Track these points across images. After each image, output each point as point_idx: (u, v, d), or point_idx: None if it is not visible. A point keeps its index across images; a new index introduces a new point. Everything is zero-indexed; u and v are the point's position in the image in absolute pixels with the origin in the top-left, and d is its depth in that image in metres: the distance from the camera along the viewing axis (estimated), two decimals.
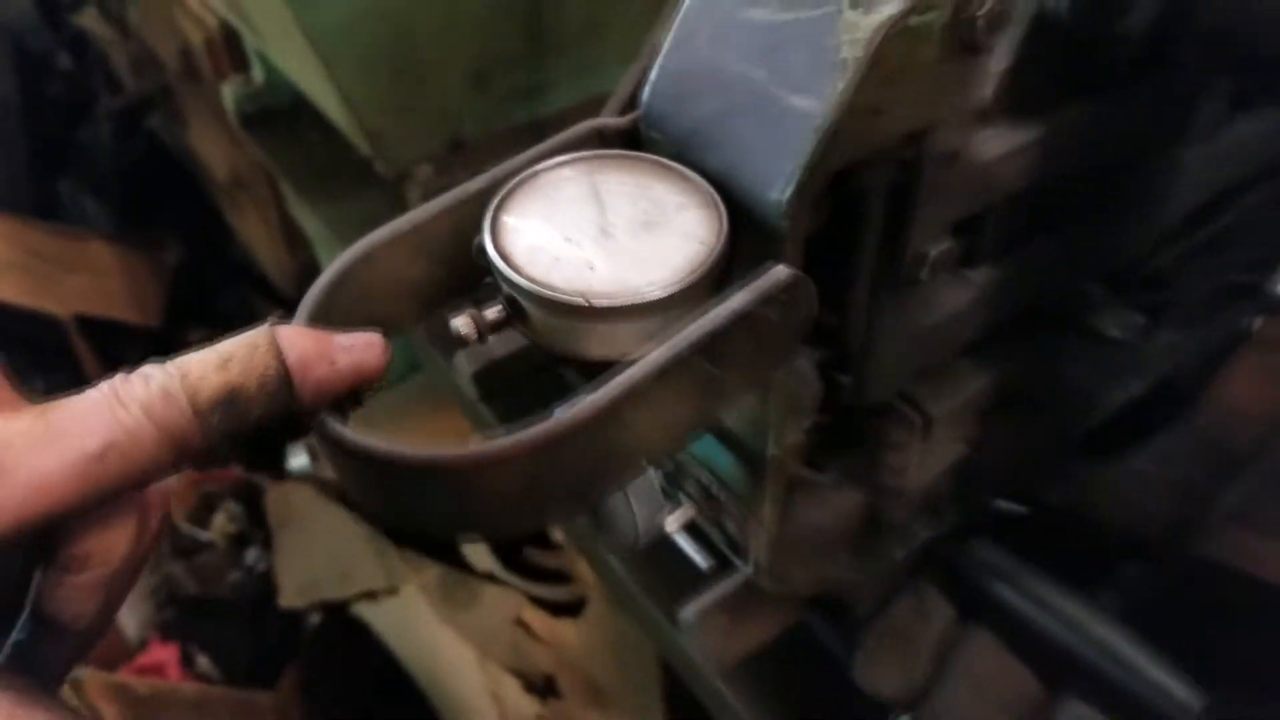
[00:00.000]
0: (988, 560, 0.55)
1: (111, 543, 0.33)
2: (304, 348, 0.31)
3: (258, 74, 1.23)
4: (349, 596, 1.23)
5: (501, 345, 0.47)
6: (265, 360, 0.30)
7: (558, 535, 1.16)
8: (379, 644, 1.28)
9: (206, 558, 1.81)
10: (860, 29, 0.33)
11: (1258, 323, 0.72)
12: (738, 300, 0.33)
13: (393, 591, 1.21)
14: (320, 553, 1.25)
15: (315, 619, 1.58)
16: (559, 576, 1.26)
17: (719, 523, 0.49)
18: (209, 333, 1.24)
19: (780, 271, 0.33)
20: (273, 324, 0.32)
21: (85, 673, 1.61)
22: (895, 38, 0.33)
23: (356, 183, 1.13)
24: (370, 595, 1.22)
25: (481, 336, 0.35)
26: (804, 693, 0.57)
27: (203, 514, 1.84)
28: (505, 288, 0.35)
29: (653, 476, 0.42)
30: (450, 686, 1.24)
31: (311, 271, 1.60)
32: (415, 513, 0.32)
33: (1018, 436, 0.59)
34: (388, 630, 1.23)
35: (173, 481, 0.34)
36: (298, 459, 1.26)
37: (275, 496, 1.33)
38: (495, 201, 0.36)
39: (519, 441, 0.30)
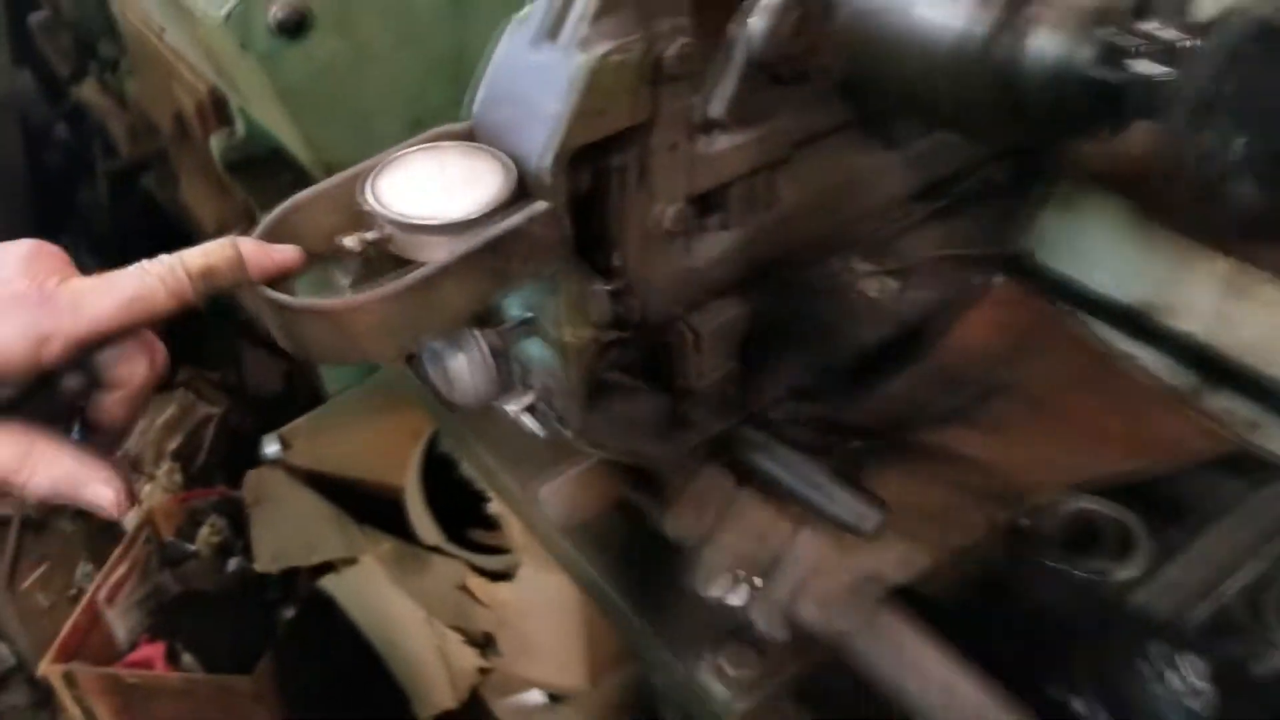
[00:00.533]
0: (755, 441, 0.78)
1: (134, 369, 0.55)
2: (252, 249, 0.54)
3: (240, 128, 1.48)
4: (314, 563, 1.44)
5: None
6: (230, 253, 0.53)
7: (495, 510, 1.37)
8: (346, 630, 1.49)
9: (192, 565, 2.01)
10: (583, 64, 0.57)
11: (998, 280, 0.96)
12: (511, 220, 0.56)
13: (352, 561, 1.42)
14: (289, 527, 1.46)
15: (290, 612, 1.79)
16: (497, 550, 1.47)
17: (550, 403, 0.72)
18: (197, 371, 1.58)
19: (539, 205, 0.57)
20: (236, 234, 0.55)
21: (77, 666, 1.79)
22: (603, 70, 0.57)
23: None
24: (332, 566, 1.43)
25: (364, 250, 0.58)
26: (629, 544, 0.79)
27: (190, 529, 2.04)
28: (379, 218, 0.58)
29: (485, 351, 0.64)
30: (402, 644, 1.44)
31: None
32: (308, 345, 0.55)
33: (781, 359, 0.82)
34: (349, 598, 1.44)
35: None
36: (271, 447, 1.48)
37: (252, 479, 1.54)
38: (376, 170, 0.60)
39: (370, 296, 0.53)
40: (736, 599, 0.76)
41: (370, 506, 1.47)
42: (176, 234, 2.50)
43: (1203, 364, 0.85)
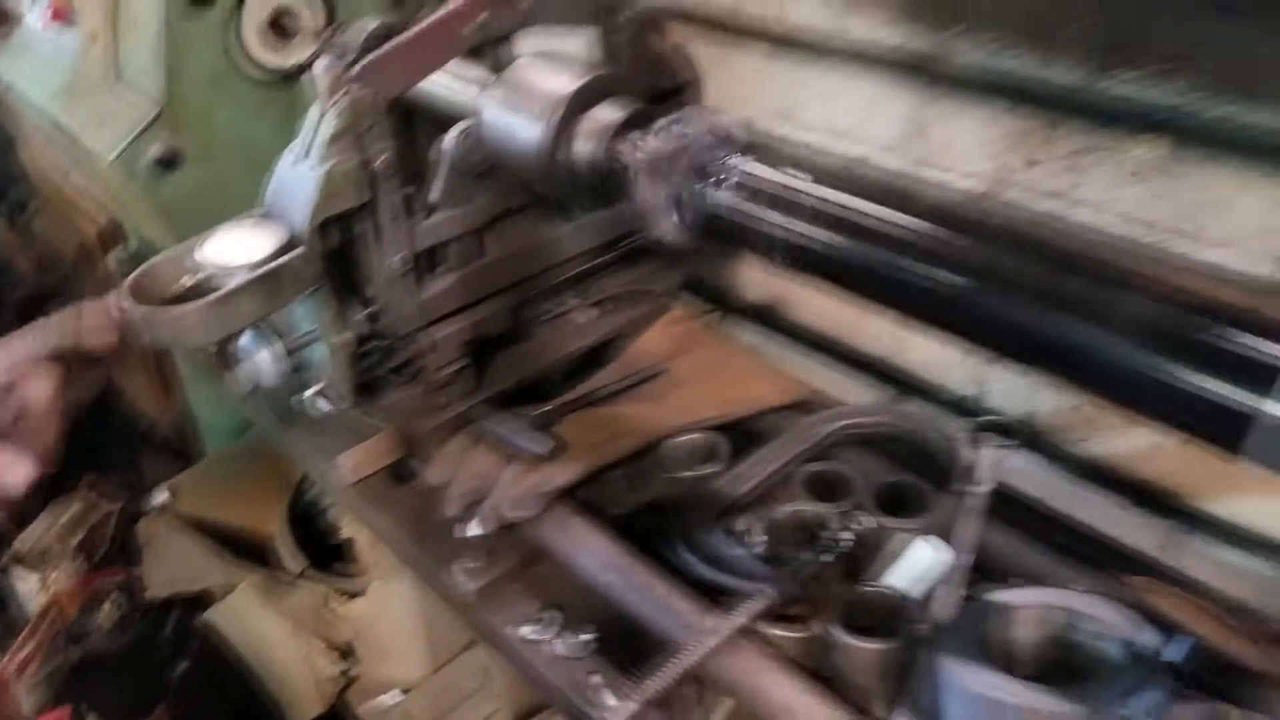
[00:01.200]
0: (482, 413, 1.18)
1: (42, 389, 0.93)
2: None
3: (133, 243, 1.86)
4: (196, 591, 1.76)
5: None
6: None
7: (346, 534, 1.72)
8: (234, 673, 1.79)
9: (95, 638, 2.27)
10: (319, 172, 0.99)
11: (672, 305, 1.39)
12: (281, 260, 0.97)
13: (230, 589, 1.74)
14: (176, 562, 1.78)
15: (183, 665, 2.06)
16: (355, 576, 1.81)
17: (332, 390, 1.11)
18: (98, 476, 2.07)
19: (298, 250, 0.98)
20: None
21: None
22: (332, 174, 0.99)
23: None
24: (211, 594, 1.75)
25: (195, 285, 0.97)
26: (402, 496, 1.17)
27: (94, 606, 2.31)
28: (205, 265, 0.98)
29: (281, 350, 1.03)
30: (275, 660, 1.76)
31: (187, 412, 2.16)
32: (160, 338, 0.94)
33: (510, 361, 1.23)
34: (229, 623, 1.76)
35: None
36: (159, 496, 1.81)
37: (144, 525, 1.87)
38: (204, 238, 1.00)
39: (194, 305, 0.92)
40: (475, 529, 1.14)
41: (245, 546, 1.81)
42: None
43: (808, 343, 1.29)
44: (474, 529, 1.11)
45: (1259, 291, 1.06)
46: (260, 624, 1.76)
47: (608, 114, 0.98)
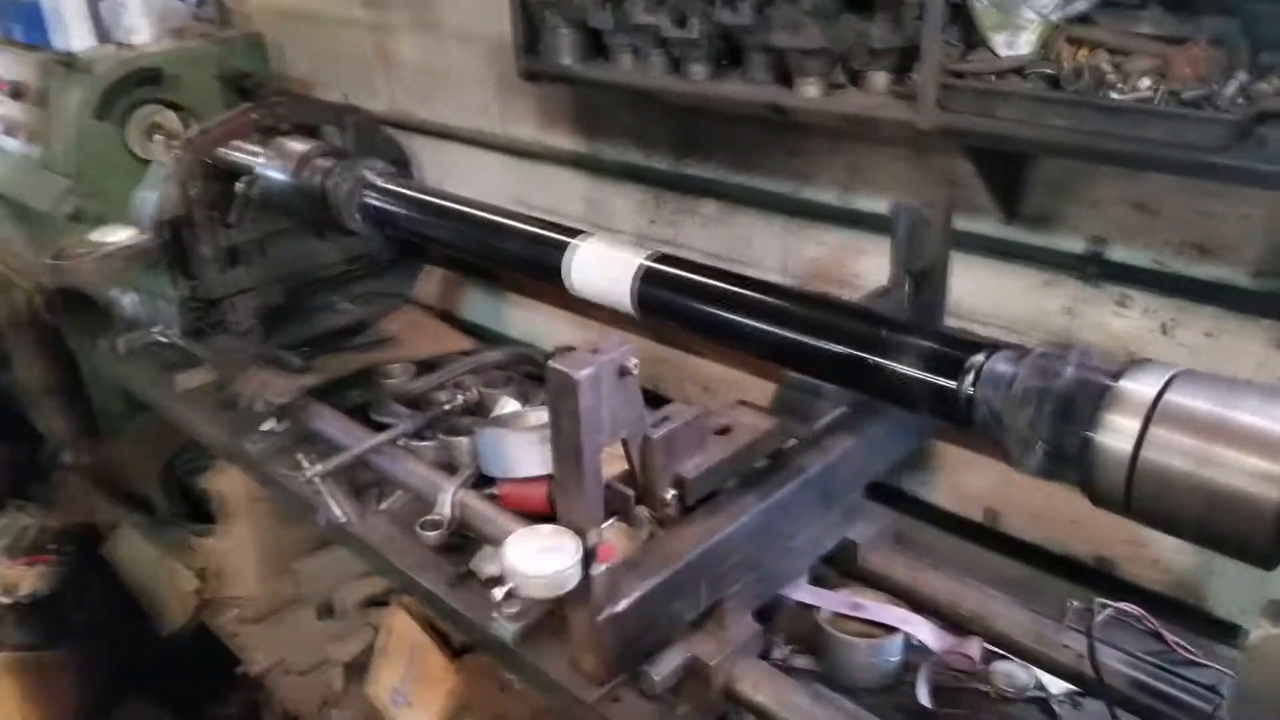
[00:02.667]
0: (269, 353, 1.96)
1: None
2: None
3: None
4: (92, 523, 2.47)
5: None
6: None
7: (205, 485, 2.44)
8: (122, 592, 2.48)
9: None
10: (156, 193, 1.79)
11: (405, 304, 2.19)
12: (136, 242, 1.75)
13: (115, 527, 2.45)
14: (78, 505, 2.49)
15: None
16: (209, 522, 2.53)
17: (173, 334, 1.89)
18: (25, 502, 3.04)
19: (143, 238, 1.77)
20: None
21: None
22: (162, 197, 1.79)
23: None
24: (103, 533, 2.46)
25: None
26: (212, 401, 1.95)
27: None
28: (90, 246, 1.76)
29: (138, 299, 1.80)
30: (149, 583, 2.45)
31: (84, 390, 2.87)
32: (66, 279, 1.71)
33: (293, 325, 2.02)
34: (118, 554, 2.46)
35: None
36: (66, 456, 2.52)
37: (56, 475, 2.58)
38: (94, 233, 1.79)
39: (85, 260, 1.71)
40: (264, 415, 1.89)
41: (130, 497, 2.52)
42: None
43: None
44: (261, 411, 1.86)
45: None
46: (137, 553, 2.45)
47: (323, 160, 1.80)
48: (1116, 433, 0.90)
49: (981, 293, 1.67)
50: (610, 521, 1.12)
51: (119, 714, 2.48)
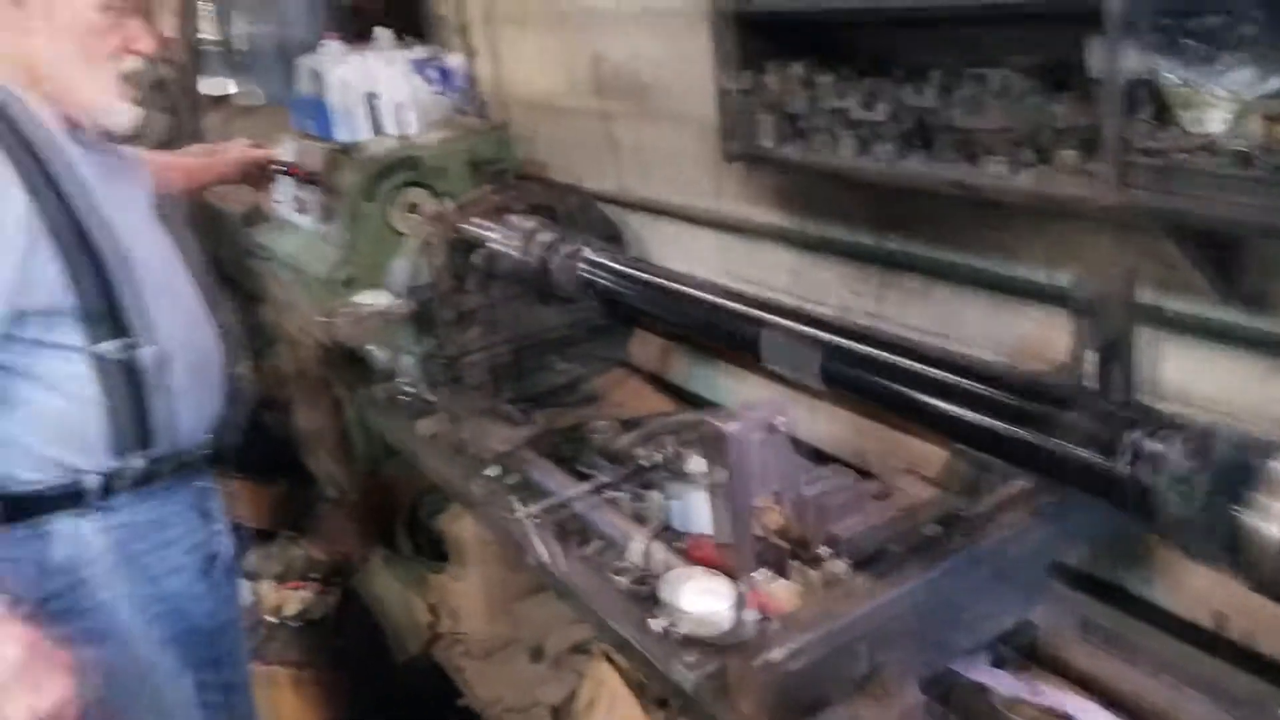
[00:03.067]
0: (501, 409, 2.20)
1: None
2: None
3: None
4: (346, 553, 2.81)
5: None
6: None
7: (442, 526, 2.73)
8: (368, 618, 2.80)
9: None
10: (409, 265, 2.08)
11: (615, 368, 2.38)
12: (390, 305, 2.04)
13: (366, 561, 2.78)
14: (338, 536, 2.84)
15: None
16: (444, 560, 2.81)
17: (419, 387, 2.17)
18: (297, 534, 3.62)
19: (398, 302, 2.05)
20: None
21: None
22: (414, 268, 2.07)
23: None
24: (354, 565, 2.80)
25: None
26: (446, 446, 2.21)
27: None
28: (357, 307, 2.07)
29: (389, 354, 2.09)
30: (389, 607, 2.75)
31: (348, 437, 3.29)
32: (334, 334, 2.01)
33: (517, 384, 2.26)
34: (367, 584, 2.78)
35: None
36: (330, 492, 2.89)
37: (320, 509, 2.95)
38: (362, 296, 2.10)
39: (344, 318, 2.00)
40: (490, 461, 2.12)
41: (379, 533, 2.85)
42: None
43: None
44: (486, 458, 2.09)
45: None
46: (383, 586, 2.76)
47: (547, 236, 2.03)
48: (1268, 514, 0.89)
49: (1198, 376, 1.60)
50: (772, 575, 1.20)
51: None
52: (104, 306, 1.60)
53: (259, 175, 2.57)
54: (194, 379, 1.77)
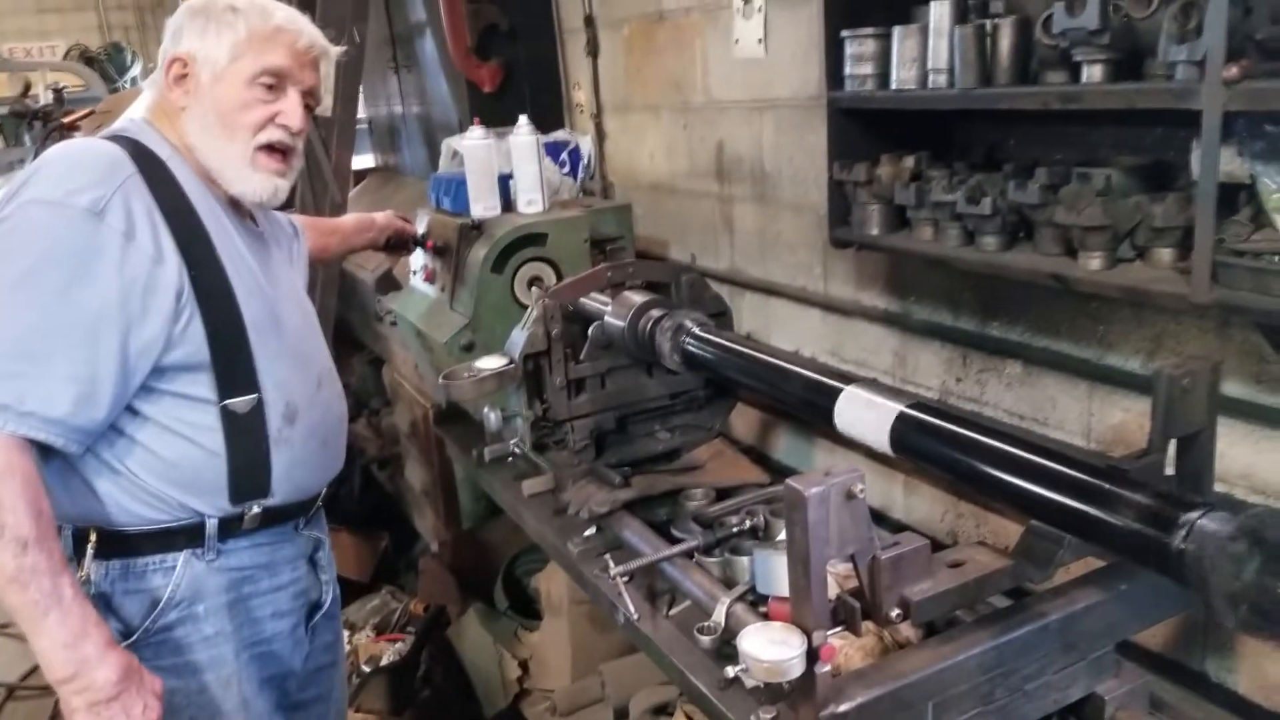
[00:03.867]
0: (600, 470, 2.37)
1: None
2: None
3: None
4: (443, 605, 2.97)
5: None
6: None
7: (536, 584, 2.87)
8: (459, 668, 2.96)
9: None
10: (525, 333, 2.28)
11: (715, 437, 2.52)
12: (504, 369, 2.24)
13: (463, 612, 2.94)
14: (437, 590, 3.01)
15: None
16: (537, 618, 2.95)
17: (522, 447, 2.35)
18: (396, 588, 3.98)
19: (512, 366, 2.25)
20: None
21: None
22: (530, 335, 2.28)
23: None
24: (450, 616, 2.96)
25: None
26: (548, 509, 2.37)
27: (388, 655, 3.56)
28: (474, 371, 2.28)
29: (499, 416, 2.28)
30: (481, 660, 2.90)
31: (451, 494, 3.49)
32: (450, 394, 2.22)
33: (621, 448, 2.42)
34: (458, 634, 2.94)
35: None
36: (433, 545, 3.08)
37: (421, 562, 3.13)
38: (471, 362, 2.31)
39: (463, 379, 2.21)
40: (584, 519, 2.27)
41: (476, 587, 3.01)
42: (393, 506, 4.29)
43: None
44: (584, 519, 2.24)
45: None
46: (476, 639, 2.91)
47: (654, 311, 2.20)
48: None
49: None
50: (843, 632, 1.30)
51: None
52: (238, 365, 1.75)
53: (401, 244, 2.83)
54: (317, 436, 1.93)
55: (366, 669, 3.32)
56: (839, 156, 2.18)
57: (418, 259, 3.15)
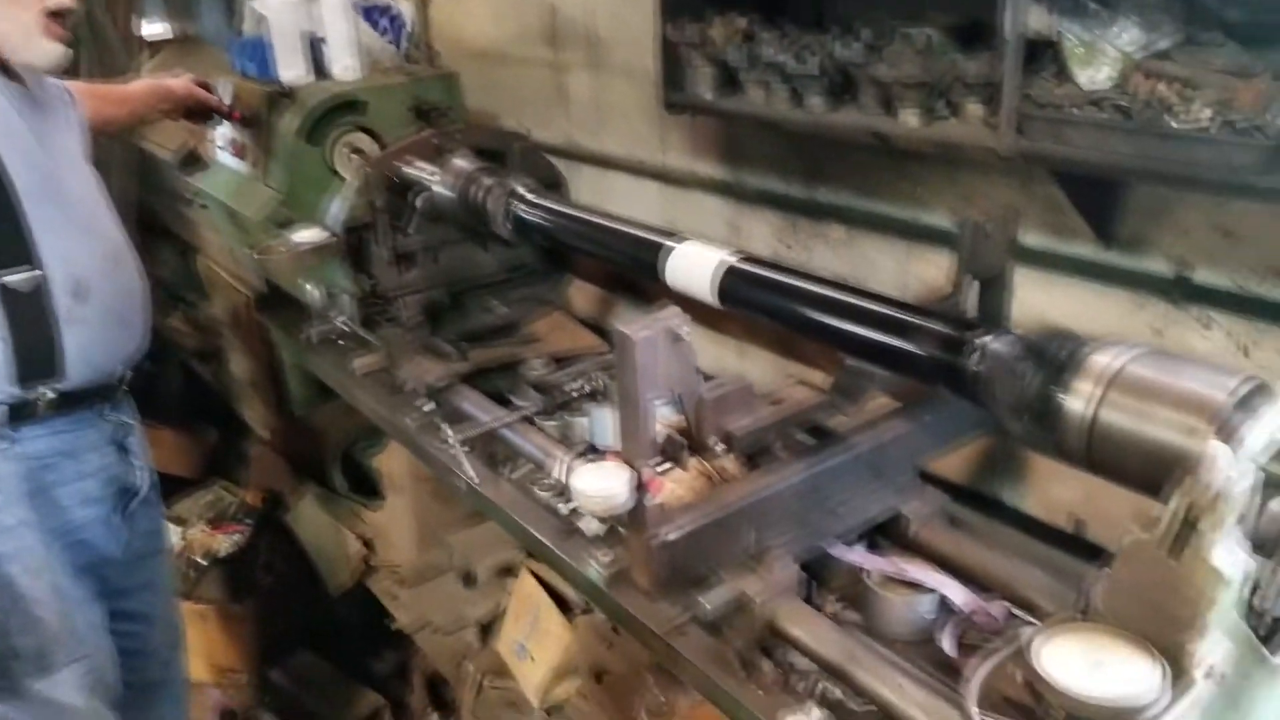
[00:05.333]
0: (429, 342, 2.39)
1: None
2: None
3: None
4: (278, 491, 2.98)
5: None
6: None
7: (376, 465, 2.91)
8: (298, 552, 2.98)
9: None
10: (345, 204, 2.26)
11: (552, 310, 2.58)
12: (323, 241, 2.22)
13: (300, 497, 2.95)
14: (269, 474, 3.01)
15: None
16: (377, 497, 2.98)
17: (350, 320, 2.35)
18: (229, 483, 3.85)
19: (333, 239, 2.23)
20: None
21: None
22: (351, 206, 2.26)
23: None
24: (286, 502, 2.97)
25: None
26: (382, 384, 2.40)
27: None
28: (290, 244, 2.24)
29: (324, 292, 2.27)
30: (323, 547, 2.93)
31: (281, 379, 3.46)
32: (266, 271, 2.19)
33: (453, 323, 2.45)
34: (296, 519, 2.96)
35: None
36: (263, 433, 3.06)
37: (252, 450, 3.12)
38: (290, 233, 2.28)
39: (280, 254, 2.18)
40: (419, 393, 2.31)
41: (312, 471, 3.02)
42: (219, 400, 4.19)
43: None
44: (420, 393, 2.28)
45: None
46: (315, 522, 2.94)
47: (485, 178, 2.22)
48: (1081, 397, 1.12)
49: (1078, 314, 1.84)
50: (669, 465, 1.41)
51: (291, 663, 2.98)
52: (8, 236, 1.69)
53: (202, 114, 2.70)
54: (112, 315, 1.87)
55: (204, 563, 3.30)
56: (671, 16, 2.22)
57: (224, 132, 3.02)
